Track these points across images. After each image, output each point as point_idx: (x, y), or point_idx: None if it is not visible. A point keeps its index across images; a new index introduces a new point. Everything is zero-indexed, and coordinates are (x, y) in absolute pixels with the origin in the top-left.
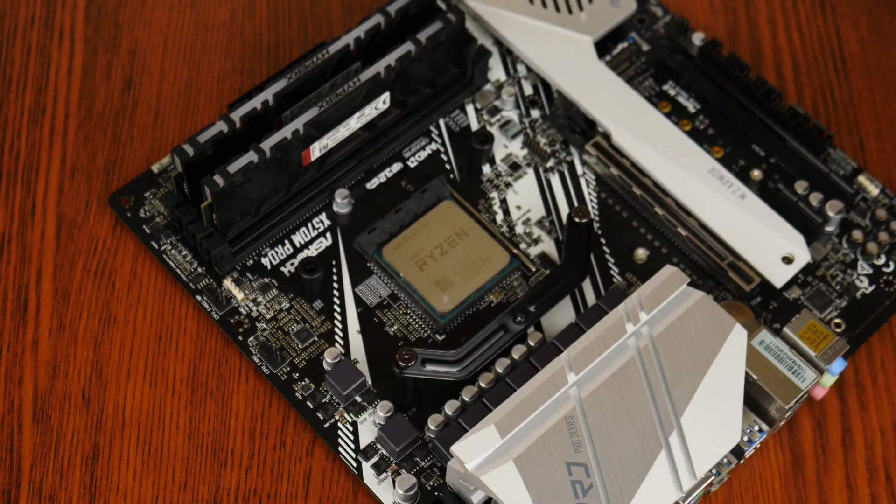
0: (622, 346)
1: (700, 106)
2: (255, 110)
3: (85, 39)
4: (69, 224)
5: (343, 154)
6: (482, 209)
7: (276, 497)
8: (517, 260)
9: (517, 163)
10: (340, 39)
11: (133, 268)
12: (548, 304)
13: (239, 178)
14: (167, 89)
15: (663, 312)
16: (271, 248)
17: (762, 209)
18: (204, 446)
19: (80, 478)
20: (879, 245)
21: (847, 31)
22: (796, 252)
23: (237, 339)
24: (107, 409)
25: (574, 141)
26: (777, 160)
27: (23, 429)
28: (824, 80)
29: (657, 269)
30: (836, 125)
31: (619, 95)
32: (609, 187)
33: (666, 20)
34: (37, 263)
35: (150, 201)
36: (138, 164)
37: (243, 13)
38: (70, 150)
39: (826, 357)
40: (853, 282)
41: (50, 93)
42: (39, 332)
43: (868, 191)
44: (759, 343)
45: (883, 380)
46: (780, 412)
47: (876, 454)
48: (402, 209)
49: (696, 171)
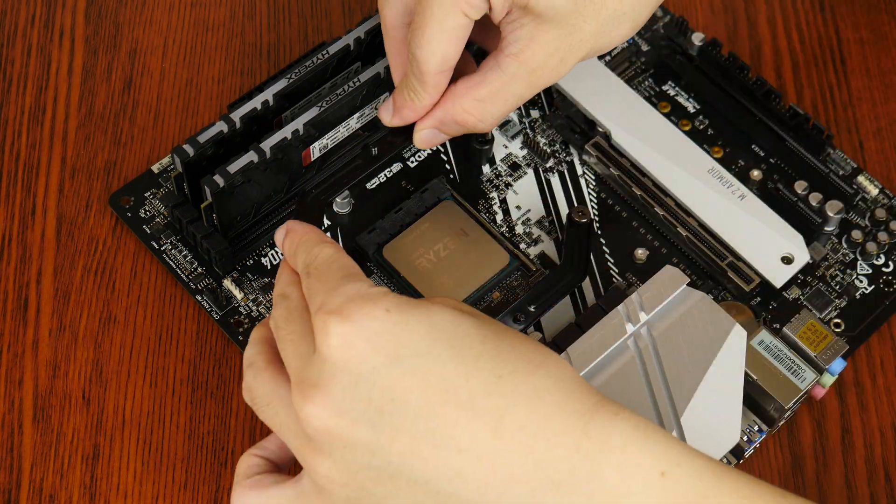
0: (622, 346)
1: (700, 106)
2: (255, 110)
3: (85, 40)
4: (69, 224)
5: (343, 154)
6: (482, 209)
7: None
8: (517, 260)
9: (517, 163)
10: (340, 40)
11: (133, 268)
12: (548, 304)
13: (239, 178)
14: (167, 90)
15: (663, 312)
16: (271, 248)
17: (762, 209)
18: (204, 446)
19: (81, 478)
20: (879, 245)
21: (847, 32)
22: (796, 252)
23: (237, 339)
24: (107, 409)
25: (574, 141)
26: (777, 160)
27: (23, 429)
28: (824, 80)
29: (657, 269)
30: (835, 125)
31: (618, 95)
32: (609, 187)
33: (666, 20)
34: (37, 263)
35: (150, 201)
36: (138, 165)
37: (243, 13)
38: (70, 150)
39: (825, 357)
40: (852, 282)
41: (50, 93)
42: (40, 332)
43: (867, 191)
44: (758, 343)
45: (882, 380)
46: (780, 412)
47: (875, 454)
48: (402, 209)
49: (696, 171)
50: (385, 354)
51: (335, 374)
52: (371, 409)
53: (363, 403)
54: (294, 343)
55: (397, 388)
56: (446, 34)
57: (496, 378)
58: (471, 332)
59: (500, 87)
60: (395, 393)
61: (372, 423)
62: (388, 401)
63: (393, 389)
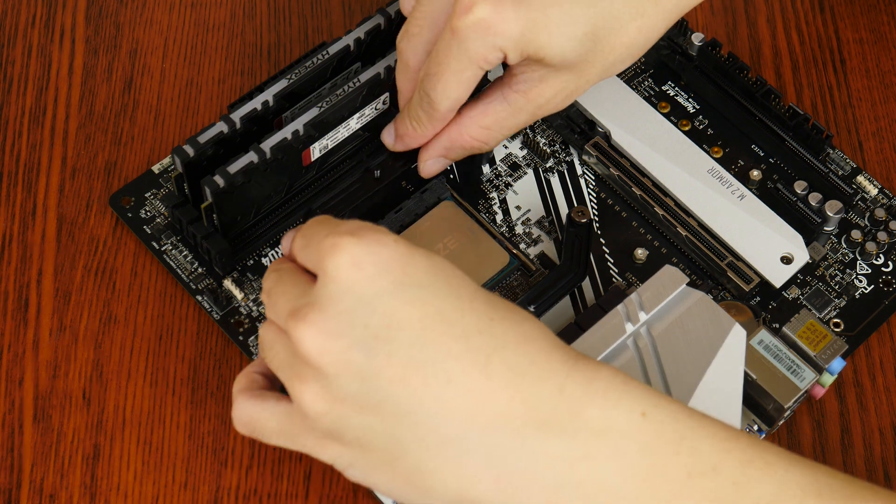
0: (621, 346)
1: (699, 106)
2: (256, 111)
3: (86, 40)
4: (70, 224)
5: (343, 154)
6: (482, 209)
7: (276, 497)
8: (517, 260)
9: (517, 163)
10: (341, 40)
11: (134, 268)
12: (548, 304)
13: (239, 179)
14: (167, 90)
15: (663, 312)
16: (271, 248)
17: (761, 209)
18: (204, 446)
19: (81, 477)
20: (878, 245)
21: (846, 32)
22: (795, 252)
23: (237, 339)
24: (107, 409)
25: (573, 141)
26: (776, 160)
27: (23, 429)
28: (823, 80)
29: (657, 269)
30: (835, 125)
31: (618, 96)
32: (609, 187)
33: None
34: (37, 263)
35: (150, 201)
36: (139, 165)
37: (243, 14)
38: (71, 150)
39: (825, 356)
40: (852, 281)
41: (51, 93)
42: (40, 332)
43: (867, 191)
44: (758, 343)
45: (882, 379)
46: (779, 412)
47: (875, 454)
48: (402, 209)
49: (696, 171)
50: (390, 281)
51: (337, 296)
52: (368, 334)
53: (360, 328)
54: (286, 293)
55: (396, 315)
56: (462, 84)
57: (489, 319)
58: (466, 278)
59: (505, 116)
60: (392, 319)
61: (367, 347)
62: (384, 327)
63: (392, 316)
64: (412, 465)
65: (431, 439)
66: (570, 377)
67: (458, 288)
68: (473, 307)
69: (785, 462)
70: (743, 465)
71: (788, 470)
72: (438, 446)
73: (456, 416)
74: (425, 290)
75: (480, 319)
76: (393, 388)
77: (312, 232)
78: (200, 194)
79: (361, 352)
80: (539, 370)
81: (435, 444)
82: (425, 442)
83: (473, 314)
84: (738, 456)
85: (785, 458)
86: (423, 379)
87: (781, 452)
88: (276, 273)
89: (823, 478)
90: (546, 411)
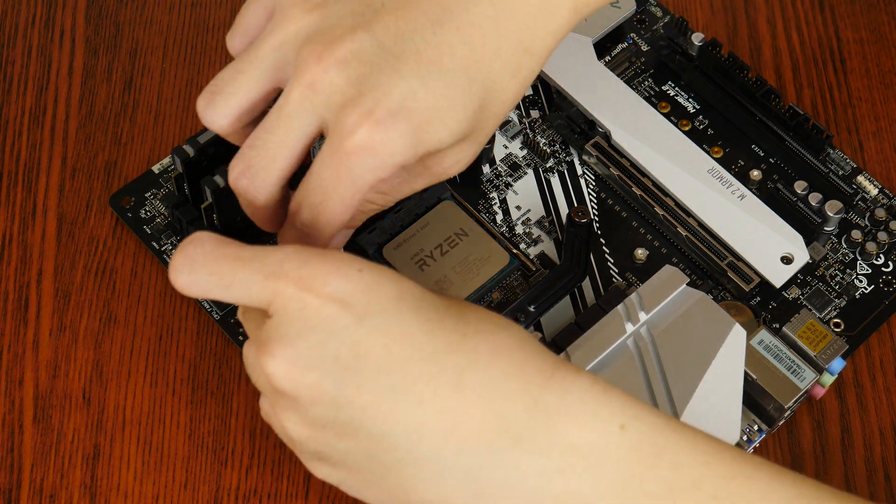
0: (621, 346)
1: (699, 106)
2: None
3: (86, 40)
4: (70, 224)
5: None
6: (482, 209)
7: (276, 497)
8: (517, 260)
9: (517, 163)
10: None
11: (134, 268)
12: (548, 304)
13: None
14: (167, 90)
15: (663, 312)
16: None
17: (761, 209)
18: (204, 446)
19: (81, 477)
20: (878, 245)
21: (846, 32)
22: (795, 252)
23: (237, 339)
24: (107, 409)
25: (574, 141)
26: (776, 160)
27: (23, 429)
28: (823, 80)
29: (657, 269)
30: (835, 125)
31: (618, 96)
32: (609, 187)
33: (665, 20)
34: (37, 263)
35: (150, 202)
36: (139, 165)
37: None
38: (71, 150)
39: (825, 357)
40: (852, 282)
41: (51, 93)
42: (40, 332)
43: (867, 191)
44: (758, 343)
45: (882, 379)
46: (780, 412)
47: (875, 454)
48: (402, 209)
49: (696, 171)
50: (355, 313)
51: (304, 333)
52: (338, 366)
53: (330, 361)
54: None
55: (362, 345)
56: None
57: (460, 336)
58: (437, 300)
59: (402, 182)
60: (359, 349)
61: (337, 379)
62: (353, 357)
63: (358, 346)
64: (394, 483)
65: (408, 460)
66: (546, 388)
67: (427, 311)
68: (444, 326)
69: (768, 476)
70: (725, 479)
71: (771, 484)
72: (416, 466)
73: (430, 436)
74: (392, 317)
75: (451, 338)
76: (366, 415)
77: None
78: (200, 194)
79: (332, 383)
80: (513, 384)
81: (412, 464)
82: (403, 462)
83: (443, 334)
84: (720, 470)
85: (768, 472)
86: (393, 404)
87: (766, 466)
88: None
89: (808, 490)
90: (520, 426)
